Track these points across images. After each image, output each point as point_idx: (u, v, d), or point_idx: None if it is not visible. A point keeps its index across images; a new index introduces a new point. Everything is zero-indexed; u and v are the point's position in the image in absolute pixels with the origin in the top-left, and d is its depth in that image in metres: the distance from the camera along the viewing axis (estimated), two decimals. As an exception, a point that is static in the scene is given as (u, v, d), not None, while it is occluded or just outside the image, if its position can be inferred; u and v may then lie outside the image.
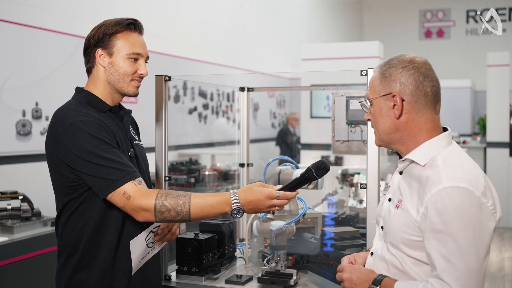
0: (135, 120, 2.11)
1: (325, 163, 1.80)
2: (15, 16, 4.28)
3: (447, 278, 1.37)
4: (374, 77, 1.61)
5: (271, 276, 2.12)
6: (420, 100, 1.54)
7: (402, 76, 1.54)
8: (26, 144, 4.38)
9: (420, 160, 1.53)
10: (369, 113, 1.65)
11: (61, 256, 1.87)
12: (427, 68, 1.56)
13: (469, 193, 1.40)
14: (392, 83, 1.55)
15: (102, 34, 1.88)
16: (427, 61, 1.58)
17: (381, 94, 1.57)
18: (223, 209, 1.74)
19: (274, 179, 2.36)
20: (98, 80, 1.91)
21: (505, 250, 6.92)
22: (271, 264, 2.14)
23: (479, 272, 1.40)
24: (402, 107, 1.54)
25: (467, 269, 1.37)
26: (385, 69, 1.58)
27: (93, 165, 1.73)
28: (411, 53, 1.60)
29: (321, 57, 6.97)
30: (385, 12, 14.86)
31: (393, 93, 1.54)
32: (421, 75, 1.54)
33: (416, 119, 1.55)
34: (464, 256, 1.37)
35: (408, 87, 1.53)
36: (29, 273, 3.20)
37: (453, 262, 1.38)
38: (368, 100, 1.65)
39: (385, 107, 1.57)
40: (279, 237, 2.08)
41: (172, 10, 6.57)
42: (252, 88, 2.80)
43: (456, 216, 1.38)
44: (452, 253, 1.38)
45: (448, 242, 1.38)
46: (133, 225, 1.85)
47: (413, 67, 1.54)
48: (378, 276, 1.53)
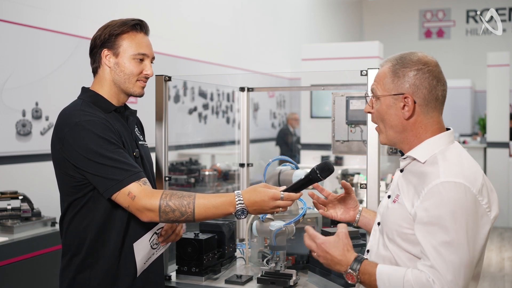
0: (140, 121, 2.12)
1: (330, 164, 1.81)
2: (15, 16, 4.28)
3: (439, 269, 1.38)
4: (385, 73, 1.58)
5: (271, 276, 2.12)
6: (431, 104, 1.54)
7: (417, 79, 1.53)
8: (26, 144, 4.38)
9: (420, 157, 1.53)
10: (371, 107, 1.63)
11: (65, 256, 1.88)
12: (439, 71, 1.56)
13: (465, 188, 1.41)
14: (405, 84, 1.53)
15: (108, 35, 1.88)
16: (437, 61, 1.57)
17: (391, 92, 1.56)
18: (228, 209, 1.74)
19: (274, 179, 2.36)
20: (104, 80, 1.91)
21: (505, 250, 6.92)
22: (270, 265, 2.14)
23: (471, 264, 1.40)
24: (414, 109, 1.54)
25: (458, 261, 1.38)
26: (398, 67, 1.55)
27: (98, 165, 1.74)
28: (421, 52, 1.59)
29: (321, 57, 6.97)
30: (385, 12, 14.86)
31: (406, 94, 1.53)
32: (435, 79, 1.53)
33: (424, 121, 1.55)
34: (456, 248, 1.38)
35: (422, 90, 1.52)
36: (29, 273, 3.20)
37: (444, 254, 1.38)
38: (374, 95, 1.62)
39: (394, 106, 1.56)
40: (278, 238, 2.08)
41: (172, 10, 6.57)
42: (252, 88, 2.80)
43: (451, 210, 1.39)
44: (443, 246, 1.39)
45: (440, 234, 1.39)
46: (137, 225, 1.86)
47: (428, 70, 1.53)
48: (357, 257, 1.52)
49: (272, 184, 2.27)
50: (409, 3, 14.62)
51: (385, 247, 1.57)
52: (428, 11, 14.48)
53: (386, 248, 1.56)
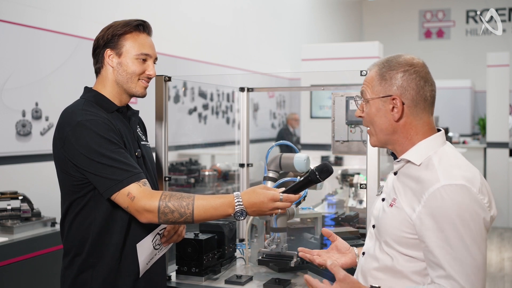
0: (142, 121, 2.12)
1: (328, 166, 1.80)
2: (15, 16, 4.28)
3: (457, 276, 1.38)
4: (372, 76, 1.60)
5: (271, 258, 2.13)
6: (419, 104, 1.54)
7: (404, 80, 1.53)
8: (26, 145, 4.38)
9: (415, 159, 1.53)
10: (362, 111, 1.64)
11: (66, 256, 1.88)
12: (426, 71, 1.56)
13: (467, 190, 1.41)
14: (393, 86, 1.54)
15: (111, 35, 1.89)
16: (424, 62, 1.58)
17: (380, 95, 1.57)
18: (226, 211, 1.75)
19: (276, 162, 2.34)
20: (106, 80, 1.92)
21: (505, 250, 6.92)
22: (271, 246, 2.14)
23: (484, 266, 1.41)
24: (403, 110, 1.54)
25: (474, 264, 1.38)
26: (384, 70, 1.57)
27: (99, 164, 1.74)
28: (407, 54, 1.60)
29: (321, 58, 6.97)
30: (385, 12, 14.86)
31: (394, 96, 1.54)
32: (422, 79, 1.54)
33: (413, 122, 1.55)
34: (469, 252, 1.39)
35: (409, 91, 1.53)
36: (29, 273, 3.20)
37: (459, 259, 1.38)
38: (363, 99, 1.63)
39: (383, 108, 1.56)
40: (279, 219, 2.09)
41: (172, 10, 6.58)
42: (252, 88, 2.80)
43: (458, 213, 1.39)
44: (457, 251, 1.39)
45: (452, 239, 1.39)
46: (139, 225, 1.86)
47: (415, 71, 1.54)
48: None
49: (273, 168, 2.28)
50: (409, 3, 14.62)
51: (382, 250, 1.56)
52: (428, 11, 14.48)
53: (382, 251, 1.56)
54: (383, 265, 1.55)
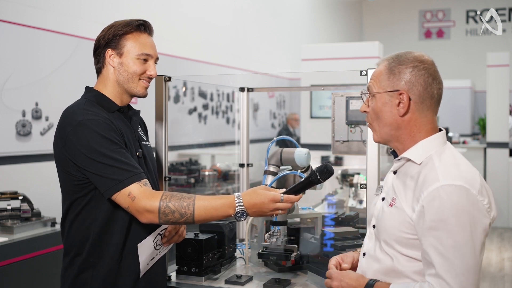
0: (143, 121, 2.12)
1: (329, 167, 1.80)
2: (15, 16, 4.28)
3: (446, 276, 1.38)
4: (381, 70, 1.59)
5: (271, 251, 2.13)
6: (426, 101, 1.54)
7: (412, 76, 1.53)
8: (26, 145, 4.38)
9: (416, 158, 1.53)
10: (367, 105, 1.64)
11: (67, 255, 1.88)
12: (435, 69, 1.57)
13: (466, 191, 1.41)
14: (401, 81, 1.54)
15: (112, 35, 1.89)
16: (433, 61, 1.58)
17: (387, 89, 1.56)
18: (227, 211, 1.75)
19: (276, 157, 2.34)
20: (107, 80, 1.92)
21: (505, 250, 6.92)
22: (271, 240, 2.15)
23: (476, 268, 1.40)
24: (409, 106, 1.54)
25: (464, 266, 1.38)
26: (394, 65, 1.56)
27: (100, 164, 1.74)
28: (417, 51, 1.60)
29: (321, 58, 6.97)
30: (385, 12, 14.86)
31: (401, 90, 1.54)
32: (430, 76, 1.54)
33: (418, 119, 1.55)
34: (461, 253, 1.38)
35: (417, 87, 1.53)
36: (29, 273, 3.20)
37: (450, 259, 1.38)
38: (370, 93, 1.63)
39: (389, 103, 1.56)
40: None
41: (172, 10, 6.58)
42: (252, 88, 2.80)
43: (454, 213, 1.39)
44: (449, 250, 1.38)
45: (445, 239, 1.39)
46: (139, 226, 1.86)
47: (424, 68, 1.54)
48: (369, 281, 1.53)
49: (273, 163, 2.28)
50: (409, 3, 14.62)
51: (382, 250, 1.56)
52: (428, 11, 14.48)
53: (383, 251, 1.56)
54: (384, 266, 1.55)
